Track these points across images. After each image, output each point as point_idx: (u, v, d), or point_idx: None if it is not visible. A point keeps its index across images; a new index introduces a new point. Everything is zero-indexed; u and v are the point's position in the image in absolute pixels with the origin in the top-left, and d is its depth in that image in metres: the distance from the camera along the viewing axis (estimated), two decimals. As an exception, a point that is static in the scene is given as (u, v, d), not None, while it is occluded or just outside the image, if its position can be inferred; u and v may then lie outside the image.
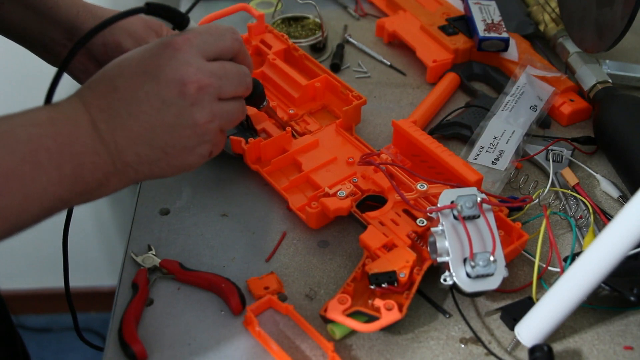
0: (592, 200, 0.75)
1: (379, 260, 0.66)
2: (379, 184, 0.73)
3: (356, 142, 0.80)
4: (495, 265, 0.62)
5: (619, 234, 0.57)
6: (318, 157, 0.78)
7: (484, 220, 0.65)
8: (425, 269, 0.66)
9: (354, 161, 0.77)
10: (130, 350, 0.61)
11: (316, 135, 0.80)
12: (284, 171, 0.77)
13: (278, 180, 0.76)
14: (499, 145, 0.81)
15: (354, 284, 0.65)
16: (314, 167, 0.76)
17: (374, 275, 0.64)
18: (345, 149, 0.79)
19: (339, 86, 0.84)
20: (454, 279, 0.62)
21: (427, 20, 0.97)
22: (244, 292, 0.67)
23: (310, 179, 0.76)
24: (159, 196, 0.77)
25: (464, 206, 0.65)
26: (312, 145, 0.79)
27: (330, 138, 0.80)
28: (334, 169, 0.77)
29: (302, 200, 0.73)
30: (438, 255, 0.64)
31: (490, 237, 0.64)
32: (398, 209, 0.71)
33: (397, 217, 0.70)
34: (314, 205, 0.71)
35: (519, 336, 0.63)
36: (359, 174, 0.75)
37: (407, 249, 0.67)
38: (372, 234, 0.68)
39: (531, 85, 0.87)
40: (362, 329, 0.62)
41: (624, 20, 0.80)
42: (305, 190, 0.75)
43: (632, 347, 0.64)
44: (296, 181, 0.76)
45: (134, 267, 0.69)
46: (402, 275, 0.64)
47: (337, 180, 0.74)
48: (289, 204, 0.73)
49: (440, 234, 0.64)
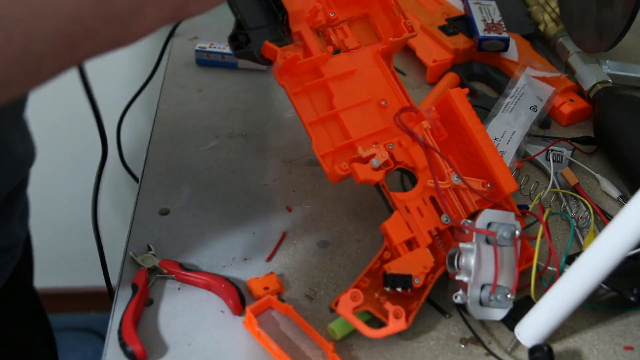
0: (592, 200, 0.75)
1: (398, 260, 0.64)
2: (414, 160, 0.68)
3: (394, 81, 0.73)
4: (510, 303, 0.62)
5: (619, 234, 0.57)
6: (352, 92, 0.71)
7: (513, 253, 0.63)
8: (438, 276, 0.65)
9: (387, 105, 0.71)
10: (129, 350, 0.61)
11: (353, 57, 0.73)
12: (313, 98, 0.70)
13: (305, 108, 0.69)
14: (500, 147, 0.81)
15: (369, 278, 0.64)
16: (346, 106, 0.70)
17: (390, 277, 0.63)
18: (381, 86, 0.72)
19: (391, 3, 0.74)
20: (467, 301, 0.62)
21: (427, 20, 0.97)
22: (244, 292, 0.67)
23: (339, 119, 0.70)
24: (158, 196, 0.77)
25: (502, 236, 0.63)
26: (347, 74, 0.72)
27: (367, 66, 0.73)
28: (366, 112, 0.71)
29: (327, 144, 0.68)
30: (458, 272, 0.63)
31: (511, 271, 0.63)
32: (426, 195, 0.67)
33: (423, 206, 0.66)
34: (344, 166, 0.66)
35: (519, 336, 0.63)
36: (395, 139, 0.69)
37: (427, 251, 0.65)
38: (396, 223, 0.65)
39: (531, 86, 0.87)
40: (368, 334, 0.61)
41: (624, 20, 0.80)
42: (332, 131, 0.69)
43: (632, 347, 0.64)
44: (325, 119, 0.69)
45: (133, 267, 0.69)
46: (417, 281, 0.63)
47: (369, 133, 0.69)
48: (312, 145, 0.68)
49: (467, 251, 0.63)
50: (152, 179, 0.79)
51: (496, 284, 0.62)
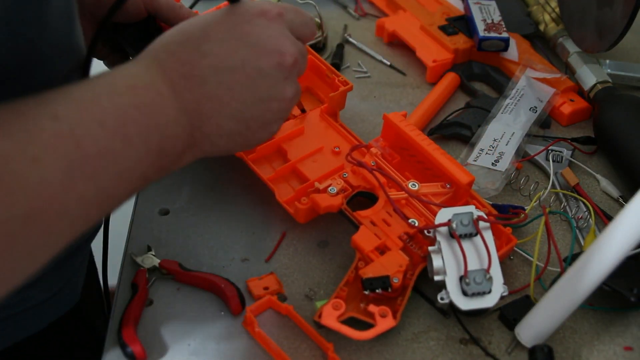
0: (592, 201, 0.75)
1: (372, 264, 0.65)
2: (370, 181, 0.72)
3: (342, 130, 0.78)
4: (491, 283, 0.62)
5: (619, 234, 0.57)
6: (304, 146, 0.76)
7: (481, 238, 0.64)
8: (418, 273, 0.66)
9: (340, 151, 0.76)
10: (129, 351, 0.61)
11: (301, 121, 0.78)
12: (269, 159, 0.75)
13: (263, 169, 0.74)
14: (499, 147, 0.80)
15: (347, 287, 0.65)
16: (300, 157, 0.75)
17: (368, 280, 0.64)
18: (331, 137, 0.77)
19: (324, 69, 0.81)
20: (450, 297, 0.62)
21: (427, 20, 0.97)
22: (244, 292, 0.67)
23: (296, 170, 0.74)
24: (158, 196, 0.77)
25: (460, 224, 0.64)
26: (297, 133, 0.77)
27: (315, 124, 0.78)
28: (320, 159, 0.75)
29: (289, 192, 0.72)
30: (435, 274, 0.63)
31: (486, 255, 0.63)
32: (389, 208, 0.70)
33: (388, 217, 0.69)
34: (304, 201, 0.70)
35: (519, 336, 0.63)
36: (349, 169, 0.73)
37: (400, 252, 0.66)
38: (364, 235, 0.67)
39: (531, 87, 0.87)
40: (357, 337, 0.61)
41: (624, 20, 0.80)
42: (291, 180, 0.74)
43: (632, 348, 0.64)
44: (282, 171, 0.74)
45: (133, 268, 0.69)
46: (396, 281, 0.64)
47: (325, 173, 0.73)
48: (276, 196, 0.71)
49: (436, 252, 0.64)
50: (152, 179, 0.79)
51: (467, 269, 0.62)
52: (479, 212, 0.65)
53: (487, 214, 0.68)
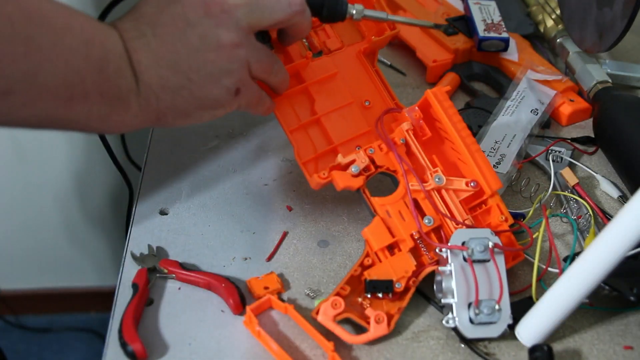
0: (592, 201, 0.75)
1: (378, 266, 0.65)
2: (395, 164, 0.68)
3: (377, 81, 0.74)
4: (499, 315, 0.61)
5: (619, 234, 0.57)
6: (334, 96, 0.71)
7: (494, 266, 0.63)
8: (421, 279, 0.65)
9: (370, 106, 0.72)
10: (130, 350, 0.61)
11: (335, 59, 0.73)
12: (294, 104, 0.71)
13: (286, 116, 0.70)
14: (500, 149, 0.80)
15: (351, 285, 0.65)
16: (327, 111, 0.71)
17: (371, 283, 0.64)
18: (364, 86, 0.73)
19: (374, 1, 0.74)
20: (456, 324, 0.62)
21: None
22: (244, 292, 0.67)
23: (321, 125, 0.70)
24: (158, 196, 0.77)
25: (475, 250, 0.62)
26: (329, 78, 0.72)
27: (350, 67, 0.73)
28: (348, 115, 0.71)
29: (309, 152, 0.69)
30: (443, 296, 0.63)
31: (497, 284, 0.62)
32: (407, 199, 0.67)
33: (405, 209, 0.67)
34: (323, 174, 0.67)
35: (519, 336, 0.63)
36: (377, 144, 0.69)
37: (408, 255, 0.65)
38: (377, 229, 0.66)
39: (532, 88, 0.87)
40: (349, 340, 0.62)
41: (624, 20, 0.80)
42: (314, 137, 0.70)
43: (632, 347, 0.64)
44: (306, 125, 0.70)
45: (133, 267, 0.69)
46: (398, 286, 0.64)
47: (350, 138, 0.70)
48: (295, 154, 0.69)
49: (447, 274, 0.63)
50: (152, 179, 0.79)
51: (479, 299, 0.61)
52: (495, 238, 0.64)
53: (501, 231, 0.66)
